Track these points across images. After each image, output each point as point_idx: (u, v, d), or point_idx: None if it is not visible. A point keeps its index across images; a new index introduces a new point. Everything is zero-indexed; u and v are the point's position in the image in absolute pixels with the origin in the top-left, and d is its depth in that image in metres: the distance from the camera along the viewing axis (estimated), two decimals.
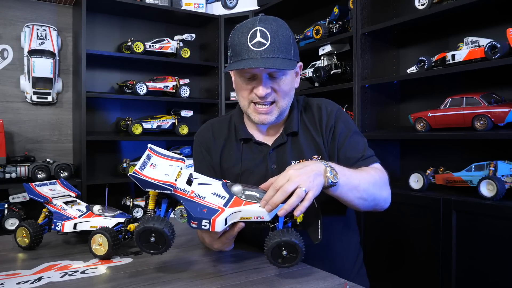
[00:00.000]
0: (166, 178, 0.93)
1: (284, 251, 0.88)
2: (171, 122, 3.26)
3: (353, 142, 1.22)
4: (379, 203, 1.16)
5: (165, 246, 0.90)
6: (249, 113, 1.20)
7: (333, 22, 2.66)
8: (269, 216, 0.93)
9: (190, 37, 3.31)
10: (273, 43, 1.08)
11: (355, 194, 1.08)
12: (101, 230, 1.08)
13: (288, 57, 1.11)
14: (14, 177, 2.66)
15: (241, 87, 1.18)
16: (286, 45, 1.11)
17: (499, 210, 1.68)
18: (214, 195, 0.94)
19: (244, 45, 1.09)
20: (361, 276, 1.32)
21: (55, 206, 1.23)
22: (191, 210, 0.92)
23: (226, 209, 0.92)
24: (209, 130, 1.33)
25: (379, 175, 1.17)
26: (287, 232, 0.89)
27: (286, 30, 1.13)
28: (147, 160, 0.96)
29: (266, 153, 1.23)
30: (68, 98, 3.18)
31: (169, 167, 0.97)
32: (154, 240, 0.89)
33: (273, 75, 1.13)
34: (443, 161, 2.23)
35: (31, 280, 0.93)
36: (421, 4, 2.11)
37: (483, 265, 1.74)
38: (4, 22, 2.96)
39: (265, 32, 1.08)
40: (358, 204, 1.11)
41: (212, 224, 0.91)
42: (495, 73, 1.99)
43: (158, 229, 0.88)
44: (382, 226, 2.18)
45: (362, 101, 2.40)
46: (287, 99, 1.19)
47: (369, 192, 1.10)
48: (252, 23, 1.10)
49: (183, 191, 0.93)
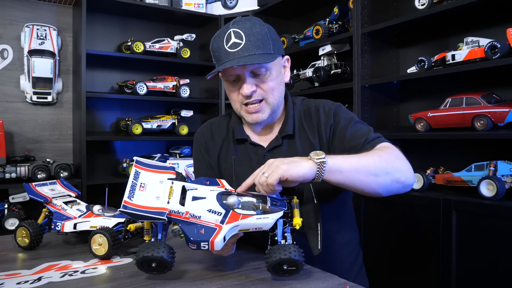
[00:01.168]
0: (158, 203, 0.90)
1: (284, 266, 0.88)
2: (171, 122, 3.26)
3: (354, 130, 1.17)
4: (396, 176, 1.05)
5: (167, 268, 0.91)
6: (242, 115, 1.20)
7: (333, 22, 2.65)
8: (268, 226, 0.92)
9: (190, 37, 3.31)
10: (248, 41, 1.10)
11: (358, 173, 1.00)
12: (101, 230, 1.08)
13: (267, 52, 1.11)
14: (14, 177, 2.66)
15: (230, 90, 1.19)
16: (263, 40, 1.11)
17: (499, 210, 1.68)
18: (210, 212, 0.91)
19: (222, 49, 1.12)
20: (361, 277, 1.32)
21: (55, 206, 1.23)
22: (188, 233, 0.90)
23: (224, 227, 0.90)
24: (208, 130, 1.34)
25: (387, 151, 1.08)
26: (286, 248, 0.88)
27: (261, 26, 1.14)
28: (135, 182, 0.94)
29: (261, 155, 1.23)
30: (68, 98, 3.18)
31: (159, 185, 0.95)
32: (155, 265, 0.89)
33: (256, 72, 1.13)
34: (443, 161, 2.23)
35: (31, 280, 0.93)
36: (421, 4, 2.11)
37: (483, 265, 1.74)
38: (4, 22, 2.96)
39: (239, 32, 1.11)
40: (370, 183, 1.02)
41: (211, 245, 0.89)
42: (495, 73, 1.99)
43: (158, 257, 0.87)
44: (382, 226, 2.18)
45: (362, 101, 2.40)
46: (275, 94, 1.18)
47: (376, 166, 1.02)
48: (227, 26, 1.14)
49: (178, 213, 0.91)
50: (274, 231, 0.93)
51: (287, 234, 0.93)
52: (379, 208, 2.19)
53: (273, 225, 0.92)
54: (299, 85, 3.03)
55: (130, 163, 3.08)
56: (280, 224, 0.93)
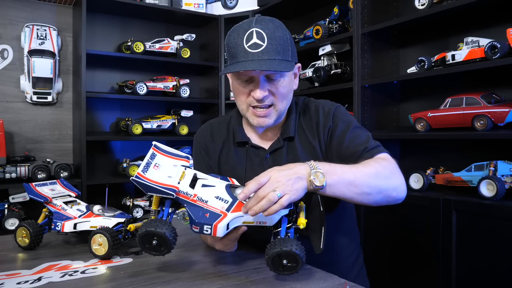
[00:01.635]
0: (169, 181, 0.93)
1: (284, 260, 0.87)
2: (171, 122, 3.26)
3: (353, 136, 1.17)
4: (389, 193, 1.08)
5: (167, 248, 0.91)
6: (248, 117, 1.18)
7: (333, 22, 2.65)
8: (272, 221, 0.92)
9: (190, 37, 3.31)
10: (270, 44, 1.07)
11: (353, 190, 1.01)
12: (101, 230, 1.08)
13: (286, 59, 1.09)
14: (14, 177, 2.66)
15: (239, 90, 1.16)
16: (283, 46, 1.09)
17: (499, 210, 1.68)
18: (217, 198, 0.93)
19: (240, 47, 1.08)
20: (362, 277, 1.32)
21: (55, 206, 1.23)
22: (194, 214, 0.91)
23: (229, 214, 0.91)
24: (208, 131, 1.33)
25: (383, 165, 1.08)
26: (288, 241, 0.87)
27: (283, 31, 1.11)
28: (150, 161, 0.96)
29: (263, 157, 1.22)
30: (68, 98, 3.18)
31: (172, 168, 0.97)
32: (156, 243, 0.89)
33: (271, 77, 1.11)
34: (443, 161, 2.23)
35: (31, 280, 0.93)
36: (421, 4, 2.11)
37: (483, 265, 1.74)
38: (4, 22, 2.96)
39: (262, 33, 1.07)
40: (362, 199, 1.04)
41: (214, 230, 0.90)
42: (495, 73, 1.99)
43: (160, 233, 0.88)
44: (382, 226, 2.18)
45: (362, 101, 2.40)
46: (285, 102, 1.17)
47: (370, 184, 1.03)
48: (248, 24, 1.09)
49: (186, 194, 0.93)
50: (277, 228, 0.94)
51: (290, 234, 0.92)
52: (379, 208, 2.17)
53: (277, 222, 0.93)
54: (299, 85, 2.99)
55: (130, 163, 3.08)
56: (284, 221, 0.93)
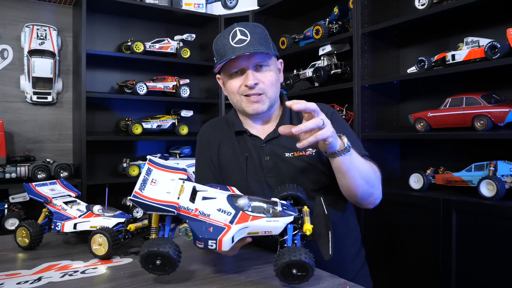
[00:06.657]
0: (168, 197, 0.90)
1: (294, 269, 0.85)
2: (171, 122, 3.26)
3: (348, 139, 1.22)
4: (374, 193, 1.20)
5: (172, 267, 0.88)
6: (243, 107, 1.27)
7: (333, 22, 2.65)
8: (278, 230, 0.90)
9: (190, 37, 3.30)
10: (253, 38, 1.20)
11: (358, 173, 1.12)
12: (101, 230, 1.08)
13: (268, 50, 1.22)
14: (14, 177, 2.66)
15: (231, 84, 1.27)
16: (265, 39, 1.24)
17: (499, 210, 1.68)
18: (220, 211, 0.90)
19: (227, 46, 1.21)
20: (364, 275, 1.32)
21: (55, 206, 1.23)
22: (196, 230, 0.88)
23: (233, 226, 0.88)
24: (209, 127, 1.43)
25: (376, 171, 1.22)
26: (296, 250, 0.85)
27: (262, 28, 1.26)
28: (147, 176, 0.93)
29: (259, 146, 1.29)
30: (68, 98, 3.17)
31: (170, 182, 0.95)
32: (160, 262, 0.87)
33: (258, 69, 1.24)
34: (443, 161, 2.23)
35: (31, 280, 0.93)
36: (421, 4, 2.11)
37: (483, 265, 1.74)
38: (4, 22, 2.96)
39: (244, 31, 1.21)
40: (359, 185, 1.14)
41: (219, 244, 0.87)
42: (495, 73, 1.99)
43: (163, 253, 0.85)
44: (382, 226, 2.18)
45: (362, 101, 2.40)
46: (274, 89, 1.27)
47: (370, 177, 1.16)
48: (231, 27, 1.24)
49: (187, 209, 0.90)
50: (283, 236, 0.91)
51: (296, 242, 0.90)
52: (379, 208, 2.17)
53: (282, 230, 0.90)
54: (299, 85, 3.03)
55: (130, 163, 3.08)
56: (290, 229, 0.90)
